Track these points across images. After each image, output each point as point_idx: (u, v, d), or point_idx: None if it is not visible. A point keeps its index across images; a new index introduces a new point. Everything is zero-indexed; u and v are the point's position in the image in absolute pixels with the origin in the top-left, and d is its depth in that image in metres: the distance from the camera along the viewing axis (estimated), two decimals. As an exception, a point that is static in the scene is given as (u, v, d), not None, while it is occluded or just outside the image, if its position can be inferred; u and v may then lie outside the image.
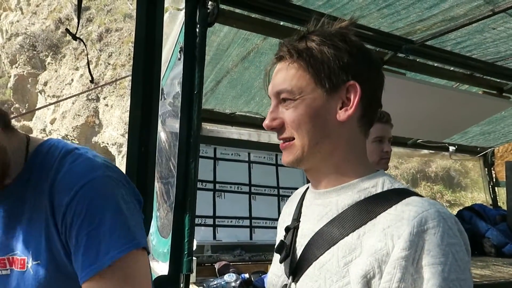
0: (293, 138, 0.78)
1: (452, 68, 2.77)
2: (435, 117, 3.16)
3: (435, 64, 2.70)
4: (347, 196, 0.77)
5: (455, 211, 4.17)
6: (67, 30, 1.33)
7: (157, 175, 2.31)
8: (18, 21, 17.37)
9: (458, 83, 3.05)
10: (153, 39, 1.71)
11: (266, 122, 0.81)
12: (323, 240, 0.75)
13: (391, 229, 0.66)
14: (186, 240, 1.50)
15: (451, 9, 2.01)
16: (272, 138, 3.19)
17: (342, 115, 0.77)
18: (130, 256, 0.79)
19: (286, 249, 0.84)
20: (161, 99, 2.38)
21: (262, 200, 2.88)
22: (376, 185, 0.76)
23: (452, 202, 6.55)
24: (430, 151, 4.28)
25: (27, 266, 0.84)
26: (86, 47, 1.22)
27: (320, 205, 0.81)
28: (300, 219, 0.86)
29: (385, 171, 2.03)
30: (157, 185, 2.33)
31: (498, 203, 4.35)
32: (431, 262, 0.62)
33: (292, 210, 0.93)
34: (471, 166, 4.91)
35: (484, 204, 4.26)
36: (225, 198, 2.76)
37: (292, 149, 0.79)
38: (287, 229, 0.88)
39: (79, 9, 1.59)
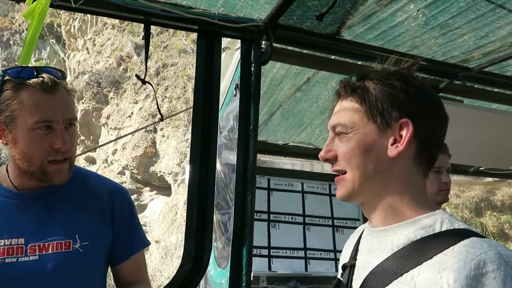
0: (345, 172, 0.80)
1: (514, 93, 2.65)
2: (497, 143, 3.01)
3: (496, 90, 2.61)
4: (403, 236, 0.76)
5: (526, 243, 3.85)
6: (137, 76, 1.47)
7: (214, 205, 2.40)
8: (84, 60, 18.92)
9: (521, 109, 2.90)
10: (212, 78, 1.83)
11: (321, 154, 0.85)
12: (378, 280, 0.75)
13: (447, 271, 0.64)
14: (244, 272, 1.54)
15: (509, 35, 1.96)
16: (325, 167, 3.19)
17: (392, 151, 0.78)
18: None
19: (342, 287, 0.85)
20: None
21: (317, 231, 2.86)
22: (434, 224, 0.74)
23: (523, 233, 6.05)
24: (495, 178, 4.04)
25: (73, 247, 1.08)
26: (154, 88, 1.36)
27: (376, 243, 0.81)
28: (357, 257, 0.87)
29: (445, 203, 1.95)
30: (214, 216, 2.41)
31: None
32: None
33: (351, 248, 0.93)
34: (542, 194, 4.53)
35: (560, 236, 3.90)
36: (280, 228, 2.78)
37: (344, 183, 0.81)
38: (344, 267, 0.89)
39: (146, 57, 1.74)
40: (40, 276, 1.03)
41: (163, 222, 11.63)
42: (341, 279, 0.87)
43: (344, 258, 0.96)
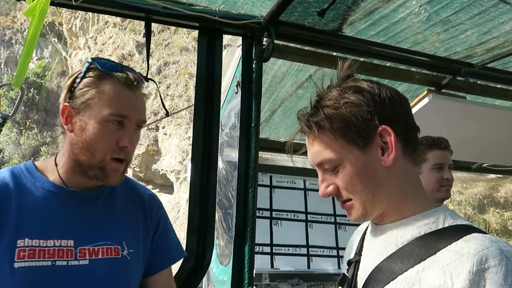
0: (351, 199, 0.80)
1: (517, 89, 2.64)
2: (501, 140, 3.00)
3: (499, 86, 2.60)
4: (407, 232, 0.77)
5: (530, 240, 3.85)
6: (139, 74, 1.46)
7: (216, 203, 2.40)
8: (86, 59, 18.92)
9: (525, 105, 2.88)
10: (213, 75, 1.82)
11: (320, 192, 0.83)
12: (382, 275, 0.76)
13: (450, 266, 0.66)
14: (246, 270, 1.54)
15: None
16: (327, 165, 3.18)
17: (387, 160, 0.77)
18: None
19: (347, 282, 0.86)
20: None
21: (319, 228, 2.86)
22: (436, 221, 0.76)
23: (526, 230, 6.03)
24: (498, 175, 4.03)
25: (121, 254, 1.04)
26: (157, 85, 1.33)
27: (380, 240, 0.82)
28: (362, 253, 0.87)
29: (447, 199, 1.95)
30: (216, 214, 2.41)
31: None
32: None
33: (356, 244, 0.94)
34: (545, 191, 4.51)
35: None
36: (282, 226, 2.78)
37: (354, 209, 0.81)
38: (349, 263, 0.90)
39: (148, 55, 1.74)
40: (92, 282, 0.98)
41: (165, 220, 11.65)
42: (346, 274, 0.88)
43: (349, 253, 0.97)
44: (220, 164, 2.53)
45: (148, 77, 1.62)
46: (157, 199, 1.22)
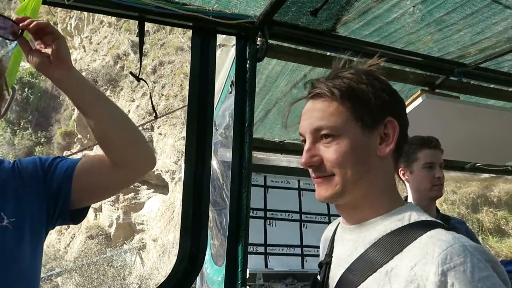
0: (333, 175, 0.77)
1: (510, 89, 2.66)
2: (494, 139, 3.02)
3: (492, 86, 2.61)
4: (375, 231, 0.76)
5: (523, 239, 3.87)
6: (131, 73, 1.46)
7: (210, 203, 2.40)
8: (81, 58, 18.85)
9: (518, 104, 2.91)
10: (207, 75, 1.82)
11: (303, 160, 0.80)
12: (354, 276, 0.75)
13: (418, 267, 0.65)
14: (240, 270, 1.53)
15: (505, 31, 1.96)
16: (322, 165, 3.19)
17: (383, 150, 0.78)
18: None
19: (319, 285, 0.85)
20: (213, 130, 2.49)
21: (313, 228, 2.86)
22: (403, 218, 0.76)
23: (519, 229, 6.08)
24: (491, 174, 4.06)
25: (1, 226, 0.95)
26: (148, 85, 1.32)
27: (350, 241, 0.81)
28: (332, 255, 0.86)
29: (440, 198, 1.95)
30: (210, 214, 2.40)
31: None
32: None
33: (326, 246, 0.93)
34: (538, 190, 4.55)
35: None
36: (276, 226, 2.78)
37: (331, 184, 0.78)
38: (319, 265, 0.89)
39: (141, 54, 1.73)
40: None
41: (160, 221, 11.63)
42: (318, 278, 0.87)
43: (320, 256, 0.96)
44: (215, 164, 2.52)
45: (141, 77, 1.62)
46: (26, 159, 1.09)
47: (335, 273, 0.81)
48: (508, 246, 5.38)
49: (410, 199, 1.90)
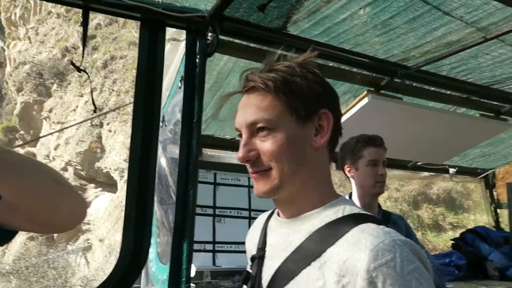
0: (270, 169, 0.77)
1: (448, 92, 2.81)
2: (433, 140, 3.19)
3: (432, 89, 2.75)
4: (310, 225, 0.76)
5: (457, 233, 4.14)
6: (72, 63, 1.38)
7: (158, 200, 2.33)
8: (26, 50, 17.77)
9: (455, 107, 3.09)
10: (155, 69, 1.77)
11: (240, 155, 0.78)
12: (287, 271, 0.74)
13: (350, 262, 0.66)
14: (184, 267, 1.50)
15: (444, 36, 2.07)
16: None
17: (318, 141, 0.78)
18: None
19: (251, 280, 0.84)
20: (162, 126, 2.43)
21: (263, 225, 2.87)
22: (337, 211, 0.76)
23: (455, 224, 6.49)
24: (431, 173, 4.29)
25: None
26: (89, 78, 1.25)
27: (284, 235, 0.80)
28: (266, 249, 0.85)
29: (382, 194, 2.02)
30: (157, 211, 2.34)
31: (501, 225, 4.31)
32: None
33: (256, 239, 0.91)
34: (473, 187, 4.89)
35: (487, 226, 4.23)
36: (225, 223, 2.77)
37: (268, 179, 0.77)
38: (252, 259, 0.88)
39: (84, 45, 1.65)
40: None
41: (108, 220, 11.22)
42: (250, 271, 0.86)
43: (251, 248, 0.94)
44: (164, 161, 2.46)
45: (91, 71, 1.54)
46: None
47: (269, 267, 0.80)
48: (444, 240, 5.73)
49: (354, 195, 1.96)
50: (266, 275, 0.80)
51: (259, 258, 0.85)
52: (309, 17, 1.97)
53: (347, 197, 2.00)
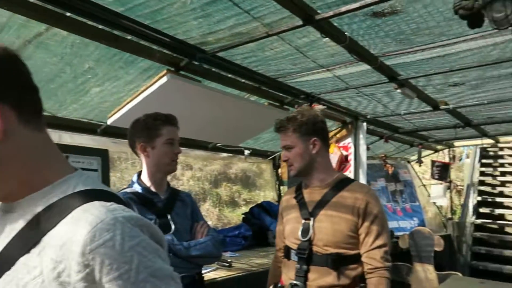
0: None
1: (243, 80, 3.07)
2: (231, 123, 3.45)
3: (229, 75, 2.95)
4: (36, 207, 0.67)
5: (249, 208, 4.67)
6: None
7: None
8: None
9: (248, 94, 3.40)
10: None
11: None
12: (3, 261, 0.65)
13: (67, 246, 0.61)
14: None
15: (235, 26, 2.22)
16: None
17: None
18: None
19: None
20: None
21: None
22: (67, 189, 0.69)
23: (248, 200, 7.33)
24: (229, 154, 4.66)
25: None
26: None
27: (10, 220, 0.70)
28: None
29: (174, 172, 2.08)
30: None
31: (282, 199, 5.05)
32: (114, 277, 0.59)
33: None
34: (264, 167, 5.58)
35: (272, 201, 4.88)
36: None
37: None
38: None
39: None
40: None
41: None
42: None
43: None
44: None
45: None
46: None
47: None
48: (238, 215, 6.39)
49: (144, 174, 1.95)
50: None
51: None
52: (102, -19, 1.82)
53: (135, 176, 1.98)
